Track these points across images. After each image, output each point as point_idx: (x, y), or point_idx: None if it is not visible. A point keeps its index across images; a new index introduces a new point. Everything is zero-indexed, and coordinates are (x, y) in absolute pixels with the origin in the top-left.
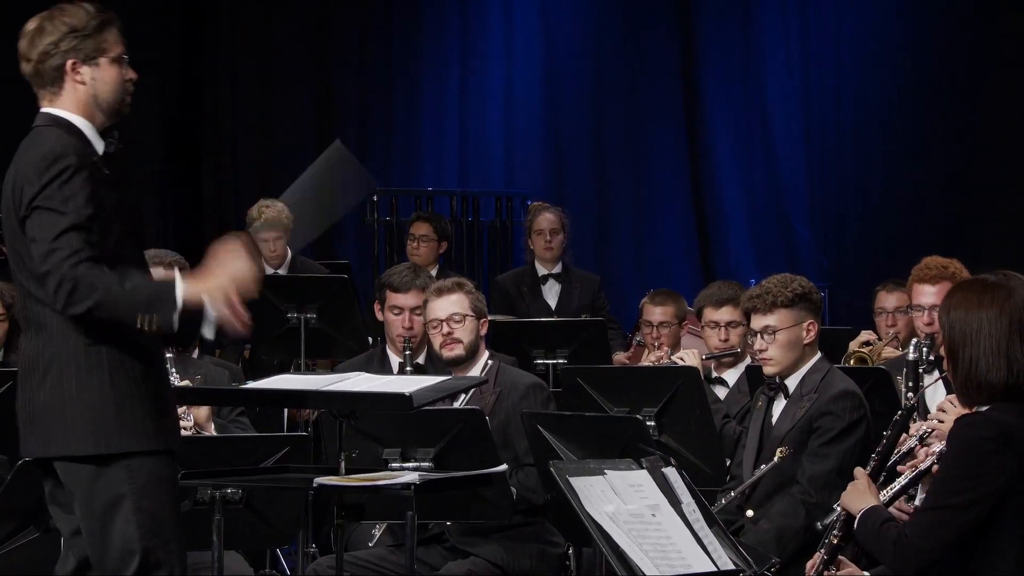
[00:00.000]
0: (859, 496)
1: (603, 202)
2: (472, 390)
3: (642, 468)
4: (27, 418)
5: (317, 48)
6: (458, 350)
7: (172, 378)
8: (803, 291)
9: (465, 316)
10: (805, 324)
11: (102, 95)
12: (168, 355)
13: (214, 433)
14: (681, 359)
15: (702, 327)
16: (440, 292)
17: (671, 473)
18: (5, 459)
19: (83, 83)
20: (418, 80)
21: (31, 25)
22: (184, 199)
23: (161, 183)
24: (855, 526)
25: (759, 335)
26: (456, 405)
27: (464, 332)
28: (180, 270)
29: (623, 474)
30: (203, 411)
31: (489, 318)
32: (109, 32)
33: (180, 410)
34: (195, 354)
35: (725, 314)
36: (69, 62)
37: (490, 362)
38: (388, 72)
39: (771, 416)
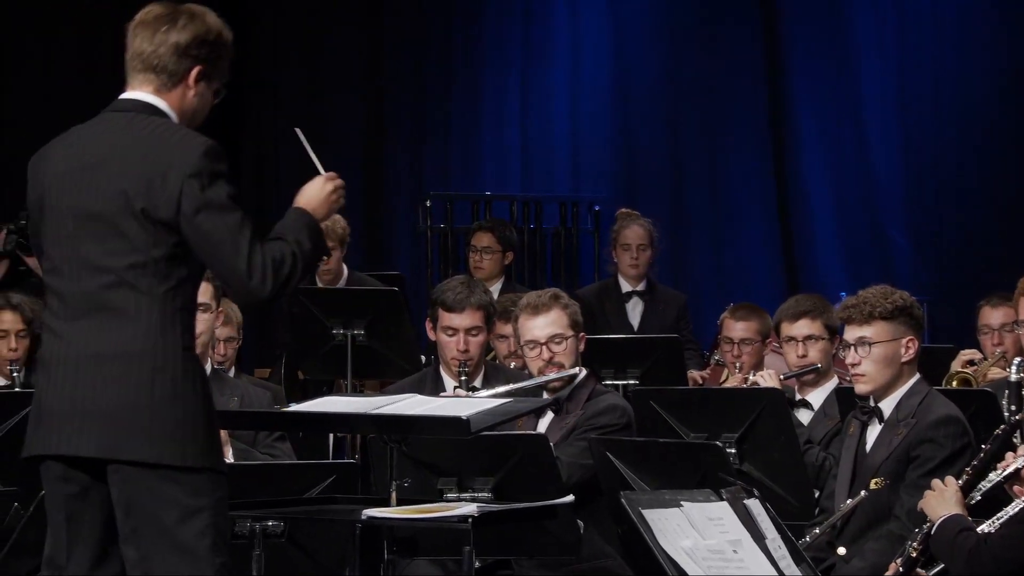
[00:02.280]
0: (943, 503)
1: (678, 209)
2: (550, 409)
3: (722, 500)
4: (81, 411)
5: (368, 42)
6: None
7: None
8: (905, 304)
9: (565, 337)
10: (904, 340)
11: (197, 117)
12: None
13: (231, 459)
14: (759, 379)
15: (780, 344)
16: (536, 310)
17: (754, 505)
18: (16, 490)
19: (195, 95)
20: (477, 77)
21: (166, 10)
22: None
23: None
24: (932, 532)
25: (852, 347)
26: (541, 427)
27: (565, 354)
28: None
29: (701, 506)
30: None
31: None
32: (228, 62)
33: None
34: (231, 372)
35: (803, 328)
36: (197, 69)
37: (583, 380)
38: (446, 68)
39: (865, 443)
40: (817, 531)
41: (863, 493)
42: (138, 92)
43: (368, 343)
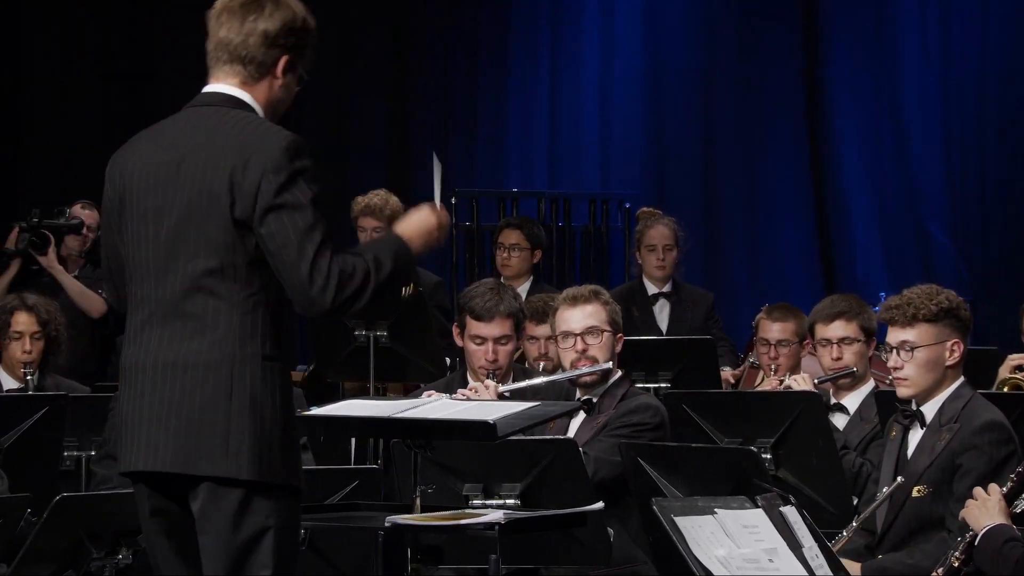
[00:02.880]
0: (986, 512)
1: (712, 206)
2: (582, 410)
3: (757, 507)
4: (158, 424)
5: (393, 37)
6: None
7: None
8: (950, 306)
9: (603, 331)
10: (949, 344)
11: (280, 108)
12: None
13: None
14: (792, 383)
15: (814, 347)
16: (575, 301)
17: (790, 512)
18: (29, 496)
19: (281, 86)
20: (504, 70)
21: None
22: None
23: None
24: (976, 542)
25: (895, 351)
26: (571, 431)
27: (600, 349)
28: None
29: (736, 513)
30: None
31: None
32: (313, 50)
33: None
34: None
35: (837, 329)
36: (285, 58)
37: (617, 381)
38: (471, 62)
39: (906, 447)
40: (854, 523)
41: (899, 480)
42: (222, 84)
43: (391, 345)
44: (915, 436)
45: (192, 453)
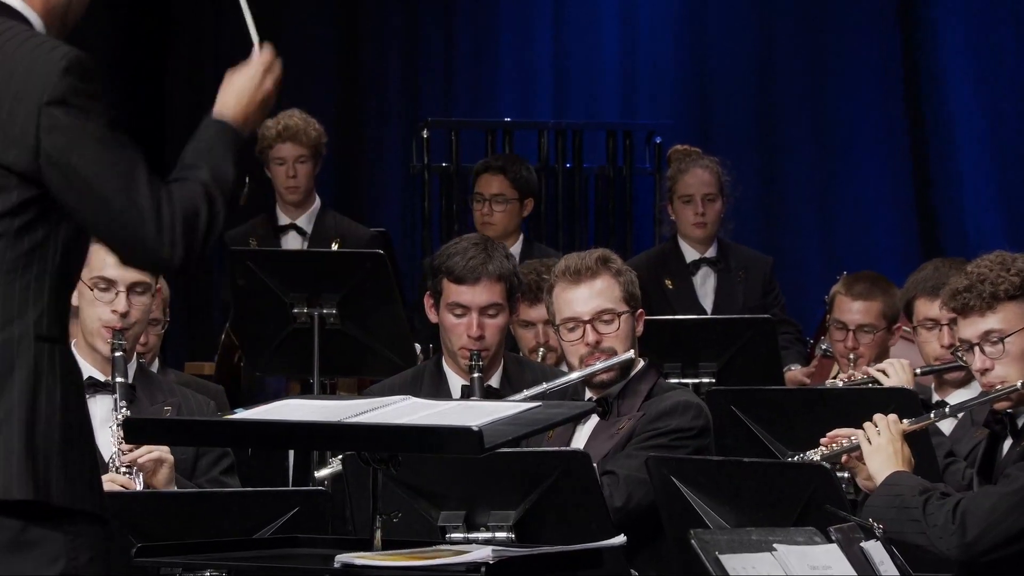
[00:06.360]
0: None
1: (772, 143)
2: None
3: (830, 541)
4: None
5: None
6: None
7: (123, 409)
8: None
9: (618, 313)
10: None
11: (70, 17)
12: (120, 379)
13: None
14: (883, 372)
15: (914, 327)
16: (577, 277)
17: (874, 549)
18: None
19: None
20: None
21: None
22: (143, 129)
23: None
24: None
25: (976, 347)
26: (580, 439)
27: (618, 338)
28: None
29: (802, 550)
30: (163, 470)
31: None
32: None
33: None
34: (154, 367)
35: None
36: None
37: (640, 373)
38: None
39: (999, 458)
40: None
41: None
42: None
43: (342, 327)
44: (1007, 446)
45: None
